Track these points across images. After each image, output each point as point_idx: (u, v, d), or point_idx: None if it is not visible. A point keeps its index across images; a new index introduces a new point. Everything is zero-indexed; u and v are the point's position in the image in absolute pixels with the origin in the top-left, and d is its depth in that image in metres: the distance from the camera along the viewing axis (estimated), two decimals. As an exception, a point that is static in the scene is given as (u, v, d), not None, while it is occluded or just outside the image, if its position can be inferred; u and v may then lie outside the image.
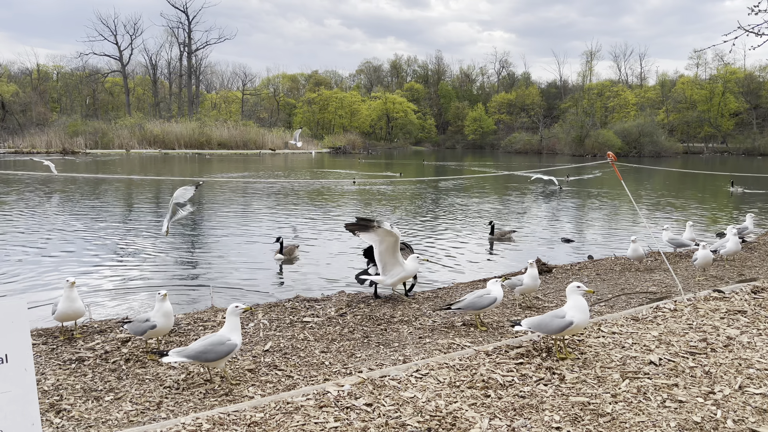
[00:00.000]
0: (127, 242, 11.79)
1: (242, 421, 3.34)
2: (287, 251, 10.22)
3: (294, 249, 10.47)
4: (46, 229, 13.02)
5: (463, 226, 14.65)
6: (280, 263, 9.95)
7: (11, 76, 72.05)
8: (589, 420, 3.37)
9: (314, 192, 22.82)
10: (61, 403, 3.93)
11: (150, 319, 4.79)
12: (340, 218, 15.58)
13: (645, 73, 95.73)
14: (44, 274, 9.00)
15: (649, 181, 29.95)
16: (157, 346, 5.05)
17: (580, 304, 4.41)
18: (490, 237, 12.60)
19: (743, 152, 67.28)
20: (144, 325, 4.79)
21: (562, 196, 22.15)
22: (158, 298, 4.85)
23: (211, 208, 17.69)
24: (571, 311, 4.37)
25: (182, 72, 76.39)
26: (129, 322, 5.11)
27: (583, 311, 4.40)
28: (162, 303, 4.81)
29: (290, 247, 10.44)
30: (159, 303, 4.82)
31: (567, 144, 65.53)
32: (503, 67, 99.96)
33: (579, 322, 4.37)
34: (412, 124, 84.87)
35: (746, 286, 6.47)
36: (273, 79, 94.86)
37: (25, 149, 49.34)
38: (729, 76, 73.27)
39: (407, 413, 3.43)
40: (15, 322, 2.27)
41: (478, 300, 5.45)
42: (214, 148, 58.11)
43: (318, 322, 5.92)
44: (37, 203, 17.61)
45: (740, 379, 3.91)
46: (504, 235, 12.68)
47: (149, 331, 4.78)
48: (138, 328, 4.82)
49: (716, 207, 19.34)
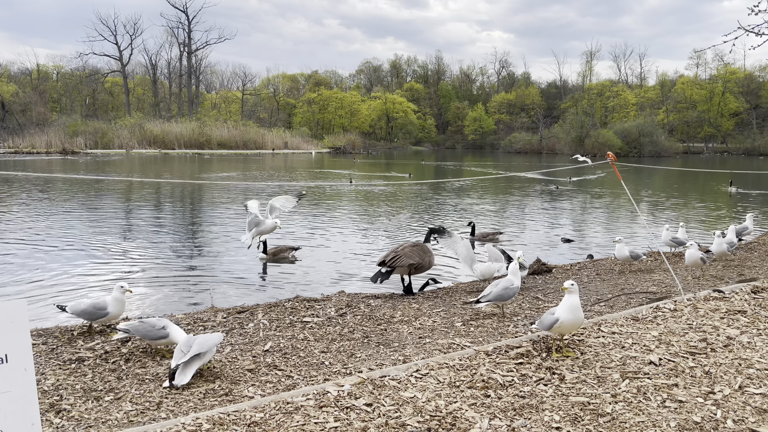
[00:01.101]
0: (126, 242, 11.80)
1: (242, 421, 3.34)
2: (272, 252, 10.03)
3: (282, 250, 10.23)
4: (52, 227, 13.02)
5: (461, 226, 14.64)
6: (264, 263, 9.83)
7: (11, 76, 72.09)
8: (589, 420, 3.37)
9: (313, 192, 22.82)
10: (61, 403, 3.93)
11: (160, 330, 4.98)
12: (340, 218, 15.58)
13: (645, 73, 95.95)
14: (43, 273, 9.00)
15: (649, 181, 29.96)
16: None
17: (570, 304, 4.36)
18: (470, 238, 12.13)
19: (743, 152, 67.32)
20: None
21: (562, 196, 22.16)
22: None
23: (212, 209, 17.70)
24: (560, 310, 4.37)
25: (182, 72, 76.41)
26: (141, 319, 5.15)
27: (572, 310, 4.34)
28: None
29: (277, 248, 10.24)
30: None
31: (567, 144, 65.58)
32: (503, 67, 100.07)
33: (564, 320, 4.32)
34: (412, 124, 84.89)
35: (746, 286, 6.47)
36: (273, 79, 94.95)
37: (25, 149, 49.34)
38: (729, 76, 73.33)
39: (407, 413, 3.43)
40: (15, 322, 2.27)
41: (504, 292, 5.80)
42: (214, 148, 58.12)
43: (318, 322, 5.92)
44: (48, 204, 17.62)
45: (740, 379, 3.91)
46: (486, 237, 12.27)
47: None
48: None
49: (715, 207, 19.34)
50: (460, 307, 6.53)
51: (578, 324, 4.45)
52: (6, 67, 74.05)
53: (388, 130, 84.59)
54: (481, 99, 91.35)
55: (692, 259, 7.86)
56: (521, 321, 5.90)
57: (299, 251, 10.58)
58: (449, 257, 10.88)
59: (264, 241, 9.96)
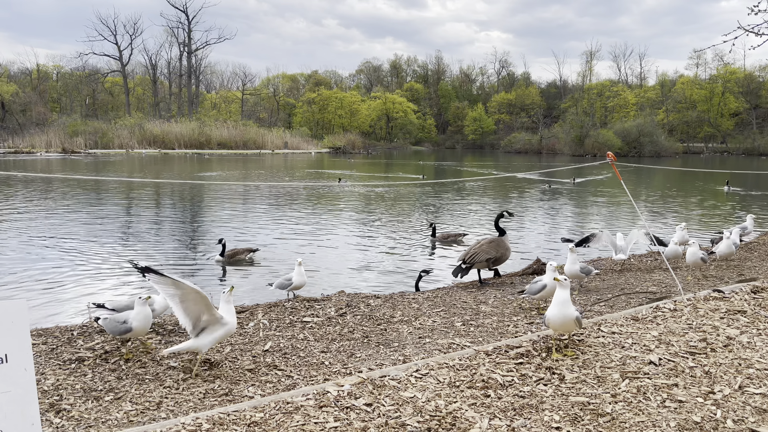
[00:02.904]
0: (126, 242, 11.80)
1: (242, 421, 3.34)
2: (229, 254, 9.89)
3: (239, 252, 10.07)
4: (52, 228, 13.02)
5: (462, 225, 14.64)
6: (222, 265, 9.65)
7: (11, 76, 72.05)
8: (589, 420, 3.37)
9: (313, 192, 22.82)
10: (60, 403, 3.93)
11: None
12: (340, 218, 15.58)
13: (645, 73, 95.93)
14: (43, 273, 9.00)
15: (649, 181, 29.95)
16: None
17: (560, 299, 4.25)
18: (432, 239, 12.12)
19: (743, 152, 67.29)
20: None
21: (562, 196, 22.14)
22: (224, 296, 4.60)
23: (211, 209, 17.70)
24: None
25: (182, 72, 76.40)
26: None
27: (560, 305, 4.22)
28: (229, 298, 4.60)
29: (234, 250, 10.07)
30: (226, 296, 4.59)
31: (567, 144, 65.57)
32: (503, 67, 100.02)
33: (550, 316, 4.26)
34: (411, 124, 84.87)
35: (746, 286, 6.47)
36: (273, 79, 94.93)
37: (25, 149, 49.35)
38: (729, 76, 73.31)
39: (407, 413, 3.43)
40: (15, 322, 2.27)
41: (550, 288, 5.92)
42: (213, 148, 58.12)
43: (318, 322, 5.92)
44: (56, 203, 17.61)
45: (740, 379, 3.91)
46: (447, 238, 12.12)
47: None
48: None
49: (711, 207, 19.34)
50: (460, 307, 6.54)
51: (566, 320, 4.22)
52: (6, 67, 74.07)
53: (388, 130, 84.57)
54: (481, 99, 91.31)
55: (693, 259, 7.87)
56: (521, 321, 5.90)
57: (256, 253, 10.42)
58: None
59: (223, 244, 9.82)
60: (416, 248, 11.71)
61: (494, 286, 8.01)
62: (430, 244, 12.01)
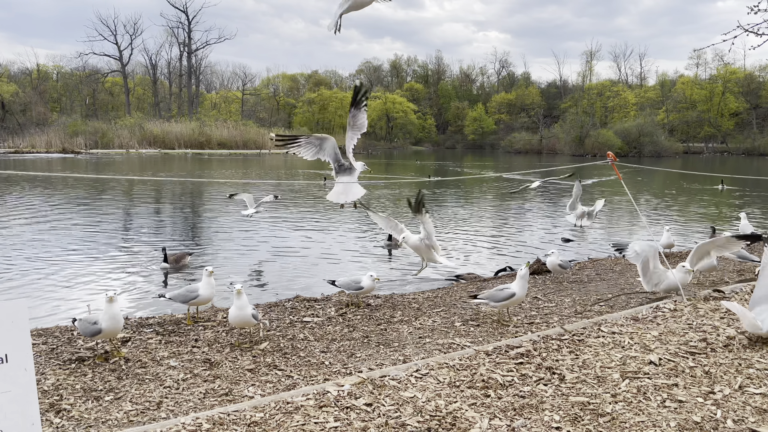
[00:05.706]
0: (127, 242, 11.79)
1: (242, 421, 3.33)
2: (173, 260, 9.69)
3: (182, 257, 9.89)
4: (54, 227, 13.02)
5: (461, 225, 14.64)
6: (165, 272, 9.40)
7: (11, 76, 71.99)
8: (589, 420, 3.37)
9: (311, 192, 22.81)
10: (61, 403, 3.93)
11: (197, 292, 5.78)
12: (338, 218, 15.57)
13: (645, 73, 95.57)
14: (43, 273, 9.00)
15: (649, 181, 29.95)
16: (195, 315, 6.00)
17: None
18: (387, 243, 11.62)
19: (743, 152, 67.24)
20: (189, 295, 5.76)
21: (562, 197, 22.13)
22: (204, 274, 5.81)
23: (212, 209, 17.70)
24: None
25: (182, 72, 76.38)
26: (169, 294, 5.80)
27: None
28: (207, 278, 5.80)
29: (177, 255, 9.87)
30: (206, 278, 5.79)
31: (567, 144, 65.53)
32: (503, 67, 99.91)
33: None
34: (412, 124, 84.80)
35: (746, 286, 6.48)
36: (273, 79, 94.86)
37: (25, 149, 49.33)
38: (729, 76, 73.24)
39: (407, 413, 3.43)
40: (15, 322, 2.27)
41: (518, 297, 6.19)
42: (213, 148, 58.09)
43: (318, 322, 5.92)
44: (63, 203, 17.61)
45: (740, 379, 3.91)
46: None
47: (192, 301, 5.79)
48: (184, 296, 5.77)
49: (706, 205, 19.33)
50: (460, 307, 6.54)
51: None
52: (6, 67, 73.96)
53: (388, 130, 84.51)
54: (481, 99, 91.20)
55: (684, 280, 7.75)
56: (521, 321, 5.90)
57: (192, 256, 10.20)
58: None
59: (164, 251, 9.63)
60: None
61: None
62: (387, 250, 11.47)
